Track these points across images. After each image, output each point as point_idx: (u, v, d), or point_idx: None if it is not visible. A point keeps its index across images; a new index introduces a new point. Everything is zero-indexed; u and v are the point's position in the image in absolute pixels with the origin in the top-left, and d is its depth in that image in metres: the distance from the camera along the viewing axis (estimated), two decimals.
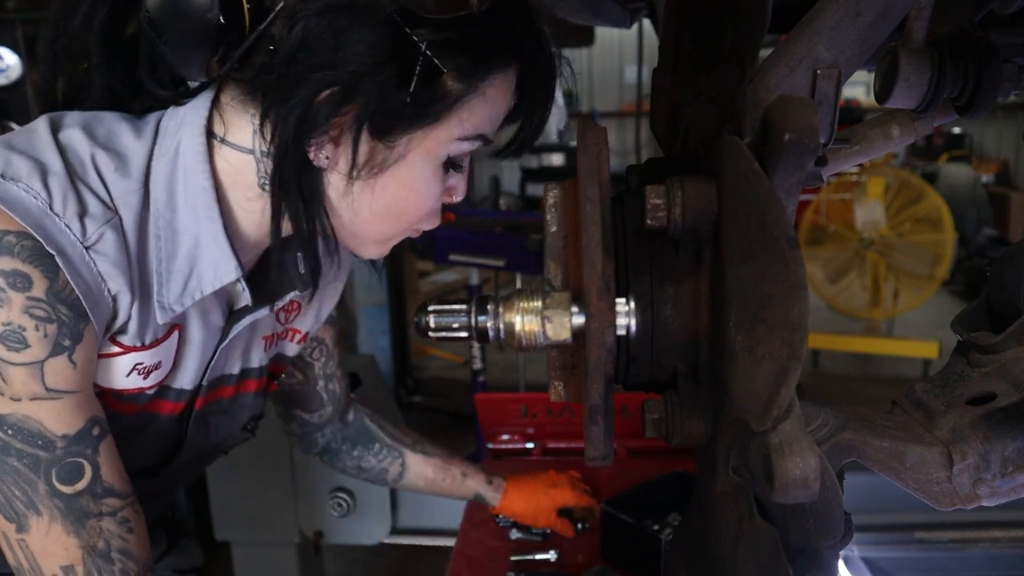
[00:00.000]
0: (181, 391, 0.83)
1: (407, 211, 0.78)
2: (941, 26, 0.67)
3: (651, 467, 1.44)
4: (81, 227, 0.67)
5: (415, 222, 0.80)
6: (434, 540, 1.80)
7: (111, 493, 0.73)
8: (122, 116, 0.75)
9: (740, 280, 0.42)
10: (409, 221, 0.79)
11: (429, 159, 0.75)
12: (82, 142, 0.71)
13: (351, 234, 0.80)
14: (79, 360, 0.70)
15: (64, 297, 0.67)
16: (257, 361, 0.93)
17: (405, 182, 0.76)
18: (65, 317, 0.67)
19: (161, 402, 0.82)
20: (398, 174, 0.75)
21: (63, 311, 0.67)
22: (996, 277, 0.56)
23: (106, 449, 0.73)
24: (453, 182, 0.81)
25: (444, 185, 0.79)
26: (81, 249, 0.67)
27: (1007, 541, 1.38)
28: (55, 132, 0.71)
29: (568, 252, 0.52)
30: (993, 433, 0.50)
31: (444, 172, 0.77)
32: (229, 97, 0.73)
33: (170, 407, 0.83)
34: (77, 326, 0.68)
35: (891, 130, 0.86)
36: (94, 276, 0.68)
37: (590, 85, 8.37)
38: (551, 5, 1.39)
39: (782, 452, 0.37)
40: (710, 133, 0.53)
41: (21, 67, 2.81)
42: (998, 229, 6.33)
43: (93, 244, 0.68)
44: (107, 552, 0.73)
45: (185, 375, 0.82)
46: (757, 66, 0.51)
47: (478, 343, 0.87)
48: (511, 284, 4.20)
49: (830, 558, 0.49)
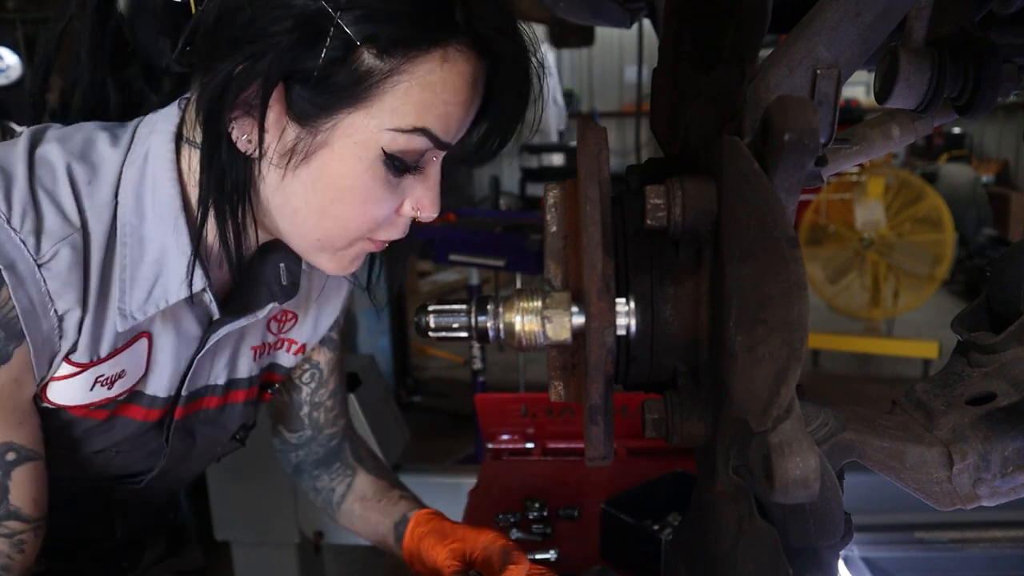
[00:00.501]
0: (155, 398, 0.82)
1: (346, 214, 0.72)
2: (941, 26, 0.67)
3: (651, 467, 1.44)
4: (36, 243, 0.67)
5: (362, 229, 0.74)
6: None
7: (14, 516, 0.73)
8: (102, 125, 0.75)
9: (740, 280, 0.42)
10: (353, 226, 0.73)
11: (359, 151, 0.69)
12: (58, 155, 0.70)
13: (297, 238, 0.76)
14: (0, 380, 0.69)
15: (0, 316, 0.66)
16: (246, 371, 0.91)
17: (337, 177, 0.70)
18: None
19: (132, 407, 0.81)
20: (328, 168, 0.70)
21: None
22: (996, 277, 0.56)
23: (22, 476, 0.72)
24: (418, 193, 0.75)
25: (397, 191, 0.73)
26: (33, 265, 0.66)
27: (1007, 541, 1.38)
28: (34, 146, 0.71)
29: (568, 252, 0.52)
30: (993, 433, 0.50)
31: (393, 174, 0.72)
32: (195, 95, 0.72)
33: (143, 413, 0.82)
34: (6, 347, 0.68)
35: (891, 130, 0.86)
36: (41, 294, 0.67)
37: (590, 85, 8.37)
38: (551, 5, 1.38)
39: (782, 452, 0.37)
40: (710, 133, 0.53)
41: (21, 67, 2.81)
42: (998, 229, 6.33)
43: (46, 262, 0.67)
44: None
45: (158, 382, 0.81)
46: (757, 66, 0.51)
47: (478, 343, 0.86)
48: (511, 284, 4.20)
49: (830, 558, 0.49)
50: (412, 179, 0.74)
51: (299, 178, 0.71)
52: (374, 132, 0.69)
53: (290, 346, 0.98)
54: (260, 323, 0.91)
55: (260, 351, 0.93)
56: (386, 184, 0.72)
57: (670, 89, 0.66)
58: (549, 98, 0.83)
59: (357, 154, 0.69)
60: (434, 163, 0.75)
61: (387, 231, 0.76)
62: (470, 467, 1.85)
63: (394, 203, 0.74)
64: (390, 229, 0.76)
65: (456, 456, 3.35)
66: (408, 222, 0.77)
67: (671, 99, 0.66)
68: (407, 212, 0.76)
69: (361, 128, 0.69)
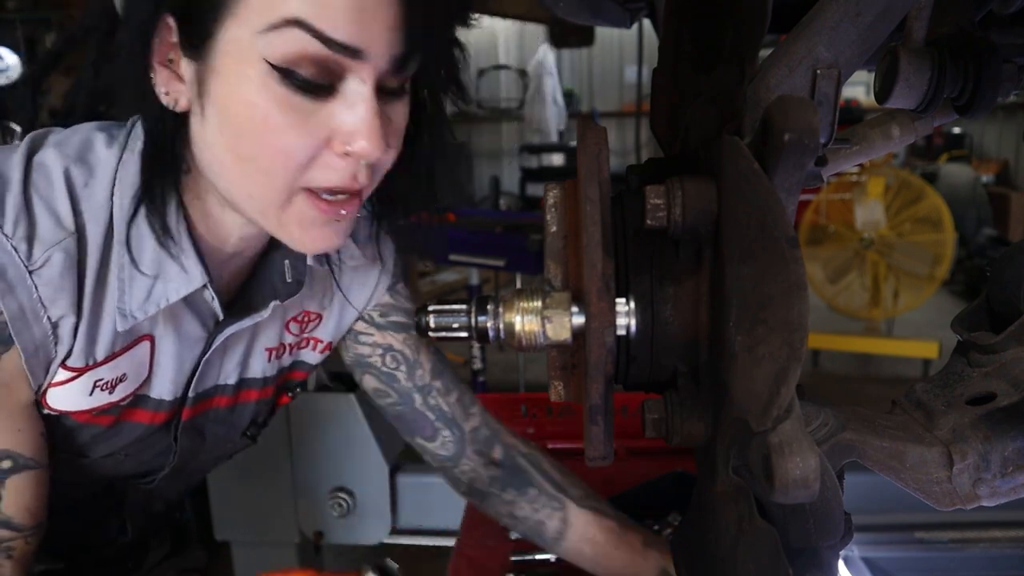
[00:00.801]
0: (161, 401, 0.81)
1: (255, 152, 0.63)
2: (941, 26, 0.67)
3: (651, 467, 1.44)
4: (28, 249, 0.66)
5: (281, 170, 0.64)
6: (434, 540, 1.80)
7: (5, 525, 0.72)
8: (100, 126, 0.74)
9: (740, 280, 0.42)
10: (269, 166, 0.64)
11: (242, 68, 0.61)
12: (55, 159, 0.70)
13: (239, 204, 0.69)
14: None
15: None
16: (260, 371, 0.90)
17: (232, 106, 0.63)
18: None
19: (137, 411, 0.80)
20: (224, 98, 0.63)
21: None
22: (996, 277, 0.56)
23: (18, 485, 0.71)
24: (343, 119, 0.63)
25: (313, 119, 0.63)
26: (24, 272, 0.66)
27: (1007, 541, 1.38)
28: (32, 152, 0.70)
29: (568, 252, 0.52)
30: (993, 433, 0.50)
31: (300, 95, 0.62)
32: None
33: (149, 416, 0.81)
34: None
35: (891, 130, 0.86)
36: (32, 300, 0.67)
37: (590, 85, 8.37)
38: (551, 5, 1.38)
39: (782, 452, 0.37)
40: (710, 133, 0.53)
41: (21, 67, 2.80)
42: (998, 229, 6.33)
43: (38, 268, 0.66)
44: None
45: (162, 385, 0.80)
46: (757, 66, 0.51)
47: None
48: (511, 284, 4.20)
49: (830, 558, 0.49)
50: (334, 104, 0.64)
51: (209, 122, 0.65)
52: (249, 40, 0.60)
53: (316, 344, 0.96)
54: (274, 323, 0.89)
55: (277, 352, 0.91)
56: (290, 109, 0.62)
57: (670, 89, 0.66)
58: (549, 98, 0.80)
59: (241, 72, 0.61)
60: (359, 82, 0.63)
61: (322, 174, 0.66)
62: None
63: (311, 134, 0.64)
64: (325, 172, 0.65)
65: None
66: (352, 165, 0.66)
67: (671, 99, 0.66)
68: (338, 148, 0.65)
69: (236, 40, 0.61)
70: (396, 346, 0.98)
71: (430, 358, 0.99)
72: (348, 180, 0.67)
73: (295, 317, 0.91)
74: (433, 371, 0.99)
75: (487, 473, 1.02)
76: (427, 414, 1.00)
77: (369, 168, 0.68)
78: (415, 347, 0.98)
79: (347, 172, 0.66)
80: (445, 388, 1.00)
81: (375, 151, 0.64)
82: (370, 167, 0.68)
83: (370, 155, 0.65)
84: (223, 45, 0.62)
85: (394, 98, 0.68)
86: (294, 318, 0.91)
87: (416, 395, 0.99)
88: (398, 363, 0.98)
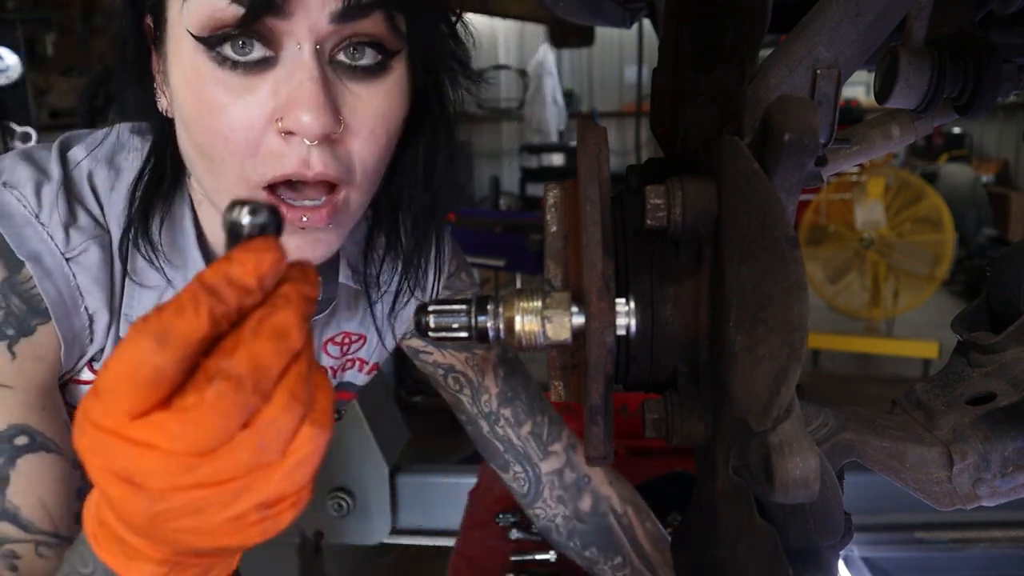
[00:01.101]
0: None
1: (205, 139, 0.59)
2: (941, 26, 0.67)
3: (651, 467, 1.44)
4: (65, 237, 0.66)
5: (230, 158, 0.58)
6: (434, 540, 1.80)
7: (12, 519, 0.61)
8: (136, 127, 0.73)
9: (740, 280, 0.42)
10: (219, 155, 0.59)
11: (176, 46, 0.58)
12: (85, 159, 0.70)
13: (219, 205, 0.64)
14: (20, 353, 0.64)
15: (21, 291, 0.64)
16: None
17: (177, 91, 0.59)
18: (15, 308, 0.64)
19: None
20: (175, 86, 0.60)
21: (15, 301, 0.64)
22: (996, 277, 0.56)
23: (31, 467, 0.62)
24: (279, 89, 0.57)
25: (253, 96, 0.57)
26: (60, 259, 0.65)
27: (1007, 541, 1.38)
28: (66, 149, 0.71)
29: (568, 252, 0.52)
30: (993, 433, 0.50)
31: (234, 71, 0.57)
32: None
33: None
34: (28, 320, 0.64)
35: (891, 130, 0.86)
36: (71, 288, 0.66)
37: (590, 85, 8.37)
38: (551, 5, 1.38)
39: (782, 452, 0.37)
40: (710, 133, 0.53)
41: (21, 67, 2.80)
42: (998, 229, 6.33)
43: (75, 256, 0.66)
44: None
45: None
46: (757, 66, 0.51)
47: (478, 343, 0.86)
48: (511, 284, 4.20)
49: (830, 558, 0.49)
50: (274, 77, 0.57)
51: (176, 117, 0.62)
52: (177, 17, 0.57)
53: (362, 366, 0.92)
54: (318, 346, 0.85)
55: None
56: (223, 85, 0.57)
57: (670, 89, 0.66)
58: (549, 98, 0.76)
59: (176, 51, 0.58)
60: (296, 49, 0.57)
61: (270, 163, 0.59)
62: (470, 467, 1.85)
63: (248, 112, 0.57)
64: (272, 160, 0.58)
65: (456, 456, 3.35)
66: (299, 148, 0.58)
67: (671, 99, 0.66)
68: (278, 126, 0.58)
69: (172, 20, 0.58)
70: (458, 367, 0.91)
71: (498, 382, 0.91)
72: (298, 165, 0.58)
73: (333, 339, 0.87)
74: (500, 397, 0.91)
75: (567, 526, 0.93)
76: (496, 444, 0.92)
77: (328, 153, 0.59)
78: (480, 369, 0.90)
79: (295, 156, 0.58)
80: (515, 418, 0.91)
81: (317, 125, 0.56)
82: (329, 151, 0.59)
83: (310, 130, 0.56)
84: (168, 29, 0.59)
85: (369, 75, 0.60)
86: (332, 339, 0.87)
87: (482, 422, 0.91)
88: (461, 385, 0.91)
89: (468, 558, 1.30)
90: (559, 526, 0.94)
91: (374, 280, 0.82)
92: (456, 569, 1.27)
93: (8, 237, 0.64)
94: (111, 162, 0.71)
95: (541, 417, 0.92)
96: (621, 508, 0.95)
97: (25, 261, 0.64)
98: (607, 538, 0.93)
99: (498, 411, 0.91)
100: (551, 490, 0.93)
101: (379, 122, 0.62)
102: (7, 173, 0.67)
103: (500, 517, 1.38)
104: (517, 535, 1.35)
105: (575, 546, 0.94)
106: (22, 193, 0.66)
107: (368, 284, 0.82)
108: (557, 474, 0.93)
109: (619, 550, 0.93)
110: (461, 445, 3.49)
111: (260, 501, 0.39)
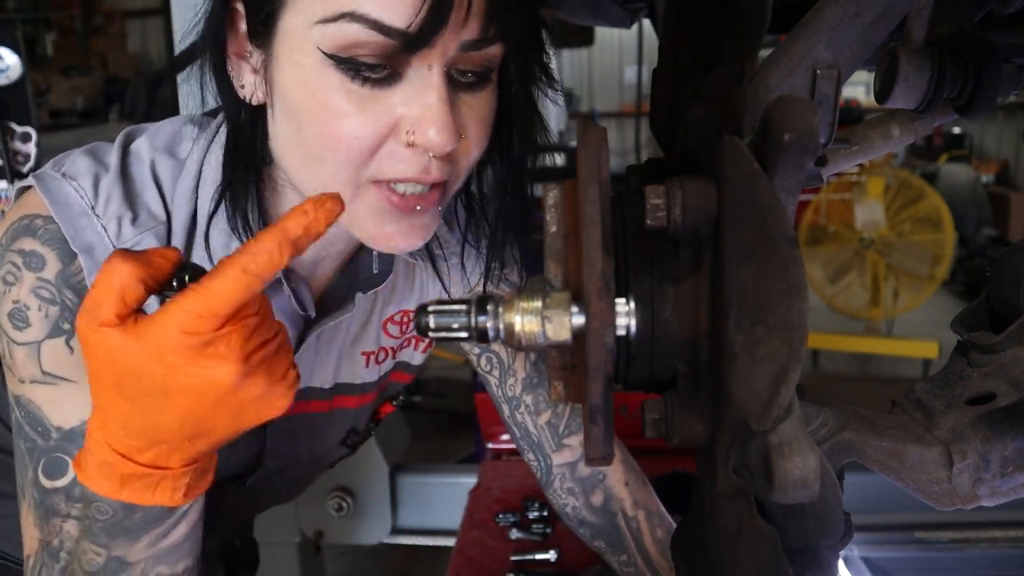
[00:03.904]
0: None
1: (315, 140, 0.61)
2: (941, 26, 0.67)
3: (651, 467, 1.44)
4: (118, 229, 0.67)
5: (344, 160, 0.62)
6: (434, 540, 1.80)
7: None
8: (191, 118, 0.74)
9: (740, 280, 0.42)
10: (329, 155, 0.62)
11: (298, 57, 0.60)
12: (146, 150, 0.71)
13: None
14: (79, 347, 0.64)
15: (74, 283, 0.66)
16: (358, 377, 0.86)
17: (291, 94, 0.62)
18: (69, 302, 0.66)
19: None
20: (284, 86, 0.62)
21: (68, 296, 0.66)
22: (996, 277, 0.56)
23: None
24: (410, 109, 0.60)
25: (375, 107, 0.60)
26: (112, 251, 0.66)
27: (1007, 541, 1.38)
28: (128, 142, 0.72)
29: (568, 252, 0.52)
30: (993, 433, 0.50)
31: (358, 83, 0.60)
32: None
33: None
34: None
35: (891, 130, 0.86)
36: None
37: (590, 85, 8.37)
38: (551, 5, 1.39)
39: (782, 452, 0.37)
40: (710, 133, 0.53)
41: (21, 67, 2.80)
42: (998, 229, 6.33)
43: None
44: (57, 551, 0.67)
45: None
46: (757, 66, 0.51)
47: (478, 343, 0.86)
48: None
49: (830, 558, 0.49)
50: (399, 90, 0.61)
51: (277, 114, 0.64)
52: (304, 30, 0.59)
53: (417, 344, 0.93)
54: (370, 326, 0.86)
55: (374, 356, 0.87)
56: (350, 95, 0.60)
57: (670, 89, 0.66)
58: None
59: (297, 61, 0.60)
60: (426, 69, 0.60)
61: (390, 165, 0.63)
62: (470, 467, 1.85)
63: (373, 122, 0.61)
64: (393, 162, 0.62)
65: (456, 456, 3.35)
66: (421, 157, 0.62)
67: (671, 99, 0.66)
68: (404, 137, 0.61)
69: (292, 30, 0.60)
70: (493, 346, 0.91)
71: (527, 367, 0.92)
72: (419, 172, 0.63)
73: (392, 318, 0.87)
74: (526, 383, 0.92)
75: (576, 516, 0.96)
76: (513, 428, 0.94)
77: (445, 161, 0.64)
78: (512, 351, 0.92)
79: (417, 163, 0.63)
80: (536, 406, 0.92)
81: (445, 143, 0.60)
82: (446, 160, 0.64)
83: (438, 147, 0.61)
84: (282, 35, 0.61)
85: (474, 87, 0.65)
86: (391, 319, 0.87)
87: (504, 405, 0.93)
88: (492, 366, 0.93)
89: (468, 558, 1.30)
90: (569, 515, 0.97)
91: (438, 249, 0.84)
92: (456, 569, 1.27)
93: (64, 227, 0.66)
94: (171, 152, 0.72)
95: (561, 408, 0.93)
96: (632, 511, 0.96)
97: (78, 253, 0.66)
98: (614, 536, 0.95)
99: (520, 396, 0.93)
100: (562, 482, 0.95)
101: (483, 128, 0.67)
102: (68, 164, 0.69)
103: (500, 517, 1.38)
104: (517, 535, 1.35)
105: (584, 534, 0.97)
106: (80, 184, 0.67)
107: (431, 254, 0.84)
108: (569, 467, 0.95)
109: (625, 550, 0.95)
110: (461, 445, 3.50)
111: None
